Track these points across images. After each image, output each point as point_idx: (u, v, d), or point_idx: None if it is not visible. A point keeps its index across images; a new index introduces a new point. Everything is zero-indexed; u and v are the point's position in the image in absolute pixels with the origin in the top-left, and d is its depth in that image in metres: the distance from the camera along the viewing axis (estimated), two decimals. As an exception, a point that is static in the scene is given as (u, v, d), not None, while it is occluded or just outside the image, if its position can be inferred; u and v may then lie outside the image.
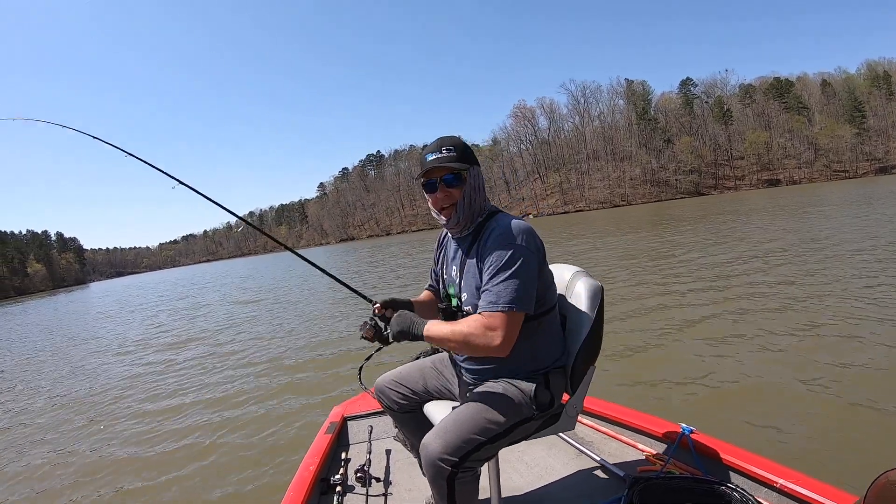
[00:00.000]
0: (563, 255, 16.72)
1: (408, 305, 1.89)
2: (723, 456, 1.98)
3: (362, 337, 1.81)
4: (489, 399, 1.66)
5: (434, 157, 1.71)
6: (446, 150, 1.71)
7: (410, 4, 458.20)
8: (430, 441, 1.57)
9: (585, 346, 1.75)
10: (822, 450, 3.11)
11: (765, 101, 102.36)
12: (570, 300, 1.83)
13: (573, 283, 1.84)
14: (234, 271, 49.81)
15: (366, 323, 1.82)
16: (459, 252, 1.79)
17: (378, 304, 1.85)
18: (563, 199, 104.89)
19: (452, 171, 1.69)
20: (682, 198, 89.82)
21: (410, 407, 1.99)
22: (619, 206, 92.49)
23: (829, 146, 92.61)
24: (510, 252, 1.58)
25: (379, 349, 2.41)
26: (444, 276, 1.89)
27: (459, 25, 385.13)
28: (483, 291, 1.61)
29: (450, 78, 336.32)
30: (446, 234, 1.91)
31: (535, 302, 1.65)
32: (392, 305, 1.85)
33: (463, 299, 1.75)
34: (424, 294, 2.04)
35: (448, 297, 1.86)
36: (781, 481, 1.78)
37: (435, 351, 2.26)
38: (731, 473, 1.94)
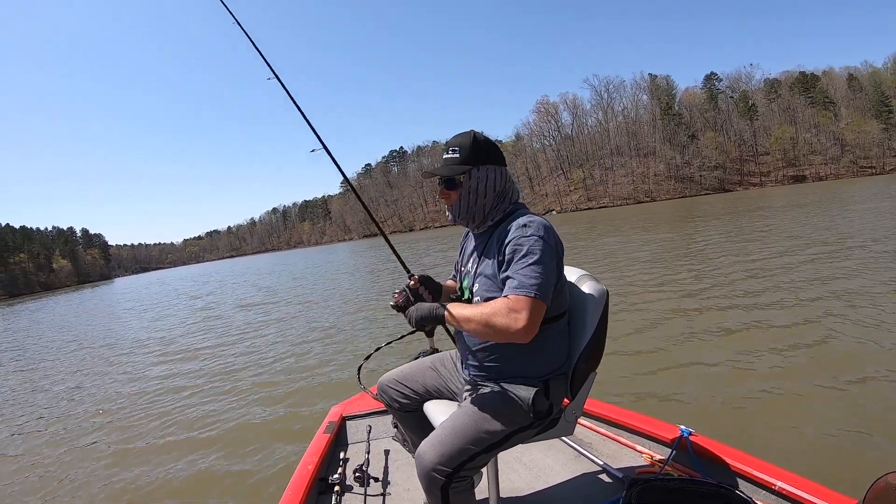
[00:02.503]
0: (602, 249, 16.89)
1: (439, 288, 1.99)
2: (721, 458, 2.02)
3: (392, 304, 1.88)
4: (486, 406, 1.66)
5: (444, 157, 1.79)
6: (452, 150, 1.76)
7: (432, 4, 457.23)
8: (425, 451, 1.57)
9: (588, 352, 1.75)
10: (821, 452, 3.15)
11: (790, 96, 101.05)
12: (574, 304, 1.82)
13: (578, 287, 1.83)
14: (255, 268, 49.27)
15: (396, 293, 1.90)
16: (477, 247, 1.84)
17: (415, 277, 1.96)
18: (587, 196, 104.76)
19: (449, 174, 1.75)
20: (706, 194, 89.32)
21: (411, 406, 2.03)
22: (642, 202, 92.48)
23: (855, 142, 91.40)
24: (533, 240, 1.58)
25: (378, 349, 2.65)
26: (462, 269, 1.94)
27: (481, 25, 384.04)
28: (507, 278, 1.60)
29: (472, 76, 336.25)
30: (469, 231, 1.98)
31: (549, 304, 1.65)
32: (427, 283, 1.95)
33: (474, 290, 1.78)
34: (450, 282, 2.14)
35: (462, 289, 1.91)
36: (780, 483, 1.79)
37: (434, 351, 2.33)
38: (730, 475, 1.98)
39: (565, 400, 1.80)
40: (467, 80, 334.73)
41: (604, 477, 2.27)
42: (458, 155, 1.74)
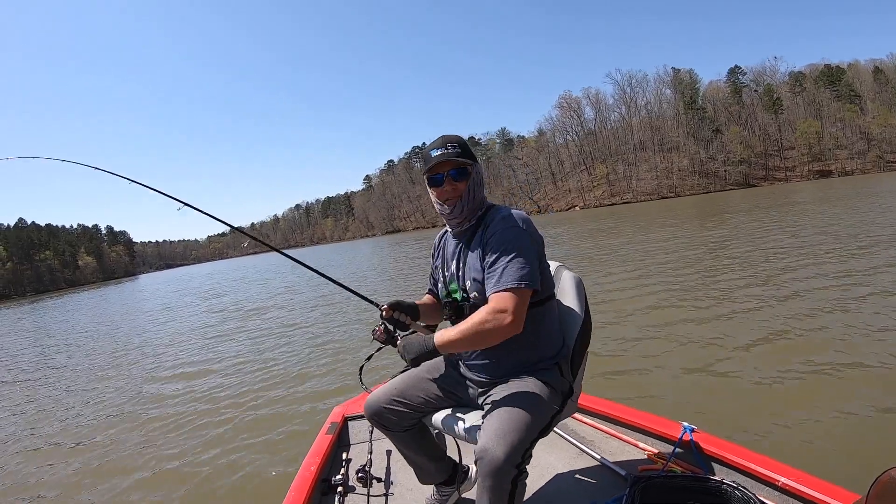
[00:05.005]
0: (644, 244, 16.34)
1: (413, 308, 1.95)
2: (724, 454, 2.02)
3: (375, 339, 1.89)
4: (525, 396, 1.67)
5: (440, 152, 1.78)
6: (451, 146, 1.79)
7: (455, 5, 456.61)
8: (493, 447, 1.50)
9: (581, 334, 1.86)
10: (825, 448, 3.11)
11: (815, 90, 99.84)
12: (560, 292, 1.93)
13: (558, 277, 1.93)
14: (273, 267, 46.33)
15: (376, 329, 1.89)
16: (460, 246, 1.86)
17: (385, 307, 1.90)
18: (610, 191, 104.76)
19: (459, 165, 1.77)
20: (731, 189, 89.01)
21: (410, 424, 1.98)
22: (667, 197, 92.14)
23: (881, 136, 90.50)
24: (513, 234, 1.66)
25: (380, 349, 2.57)
26: (445, 275, 1.93)
27: (503, 24, 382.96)
28: (489, 274, 1.66)
29: (494, 74, 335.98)
30: (443, 235, 2.02)
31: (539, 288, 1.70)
32: (398, 307, 1.91)
33: (468, 286, 1.80)
34: (426, 297, 2.11)
35: (448, 294, 1.89)
36: (783, 479, 1.78)
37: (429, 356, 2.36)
38: (733, 472, 1.98)
39: None
40: (489, 79, 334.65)
41: (606, 474, 2.29)
42: (459, 150, 1.79)
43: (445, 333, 1.69)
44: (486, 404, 1.75)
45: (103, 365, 9.56)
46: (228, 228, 2.76)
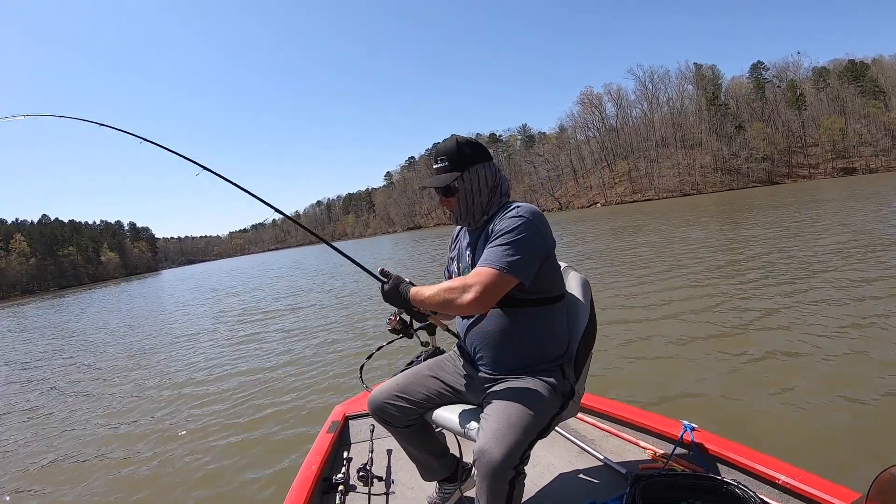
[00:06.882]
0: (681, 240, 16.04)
1: None
2: (725, 453, 2.02)
3: (390, 330, 2.00)
4: (525, 396, 1.68)
5: (434, 167, 1.86)
6: (440, 160, 1.83)
7: (475, 2, 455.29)
8: (490, 447, 1.52)
9: (586, 335, 1.87)
10: (826, 446, 3.12)
11: (839, 85, 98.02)
12: (567, 293, 1.92)
13: (564, 277, 1.94)
14: (291, 262, 47.48)
15: (391, 317, 2.04)
16: (475, 238, 1.89)
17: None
18: (632, 188, 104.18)
19: (443, 184, 1.81)
20: (754, 187, 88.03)
21: (412, 419, 1.99)
22: (689, 194, 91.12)
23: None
24: (516, 224, 1.67)
25: (380, 348, 2.74)
26: (459, 265, 1.98)
27: (523, 21, 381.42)
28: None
29: (513, 71, 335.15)
30: (461, 228, 2.05)
31: (546, 285, 1.76)
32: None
33: None
34: None
35: None
36: (784, 478, 1.78)
37: (437, 350, 2.35)
38: (734, 470, 1.98)
39: None
40: (510, 75, 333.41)
41: (607, 473, 2.29)
42: (446, 163, 1.83)
43: (421, 290, 1.76)
44: (486, 402, 1.77)
45: (107, 361, 9.94)
46: (257, 200, 2.50)
